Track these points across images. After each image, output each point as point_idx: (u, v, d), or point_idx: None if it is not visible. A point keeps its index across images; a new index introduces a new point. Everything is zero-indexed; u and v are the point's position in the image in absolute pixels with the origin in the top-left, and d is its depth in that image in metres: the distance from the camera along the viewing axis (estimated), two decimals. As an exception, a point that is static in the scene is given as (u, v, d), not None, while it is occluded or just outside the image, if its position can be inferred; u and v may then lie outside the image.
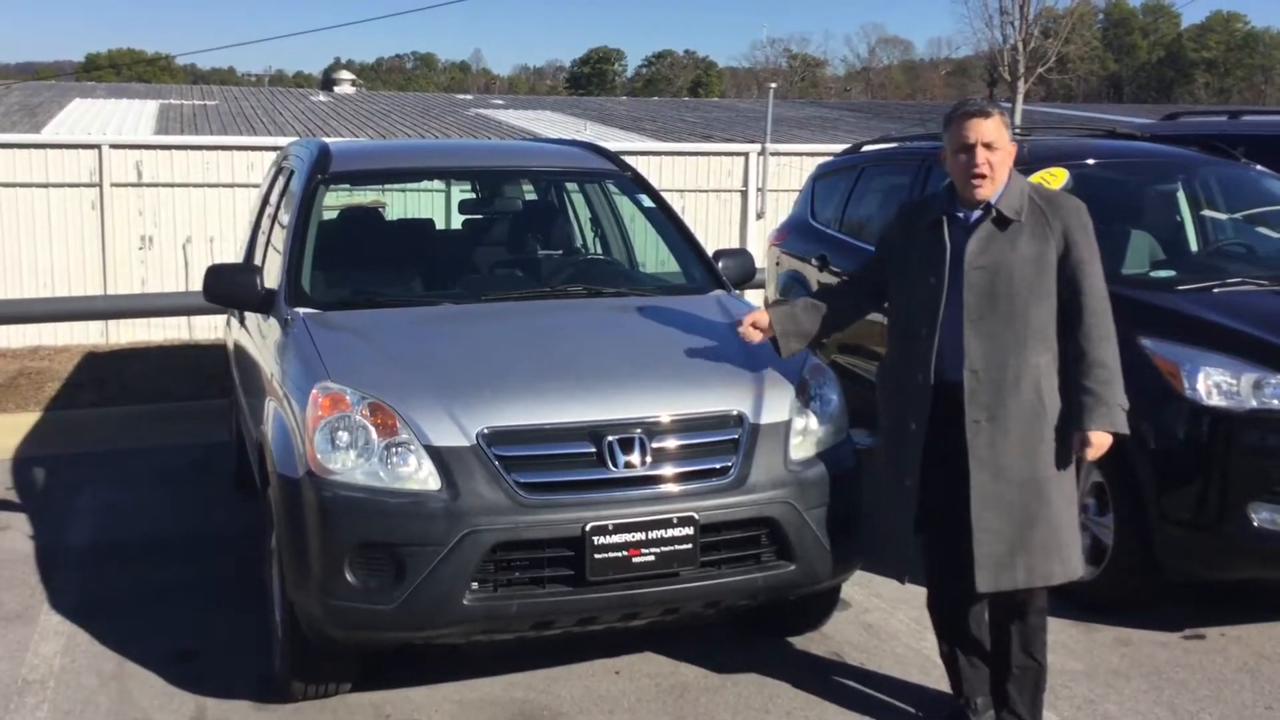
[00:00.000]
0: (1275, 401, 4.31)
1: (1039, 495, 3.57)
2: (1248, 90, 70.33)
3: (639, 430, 3.80)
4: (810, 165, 8.76)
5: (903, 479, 3.73)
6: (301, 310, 4.47)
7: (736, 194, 16.53)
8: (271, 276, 4.87)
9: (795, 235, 7.42)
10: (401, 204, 11.39)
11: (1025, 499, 3.57)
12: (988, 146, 3.53)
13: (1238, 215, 5.73)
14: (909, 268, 3.73)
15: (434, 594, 3.60)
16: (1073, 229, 3.55)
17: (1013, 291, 3.53)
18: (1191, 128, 7.79)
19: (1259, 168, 6.03)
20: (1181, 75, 72.61)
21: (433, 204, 10.90)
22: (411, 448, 3.70)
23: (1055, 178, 5.30)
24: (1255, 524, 4.30)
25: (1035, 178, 5.31)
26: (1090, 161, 5.74)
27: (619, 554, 3.67)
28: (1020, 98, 21.71)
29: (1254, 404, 4.30)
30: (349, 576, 3.63)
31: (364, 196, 7.93)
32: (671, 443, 3.84)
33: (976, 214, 3.61)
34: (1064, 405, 3.55)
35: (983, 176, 3.54)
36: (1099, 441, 3.52)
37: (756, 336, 4.09)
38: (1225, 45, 73.98)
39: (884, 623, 4.74)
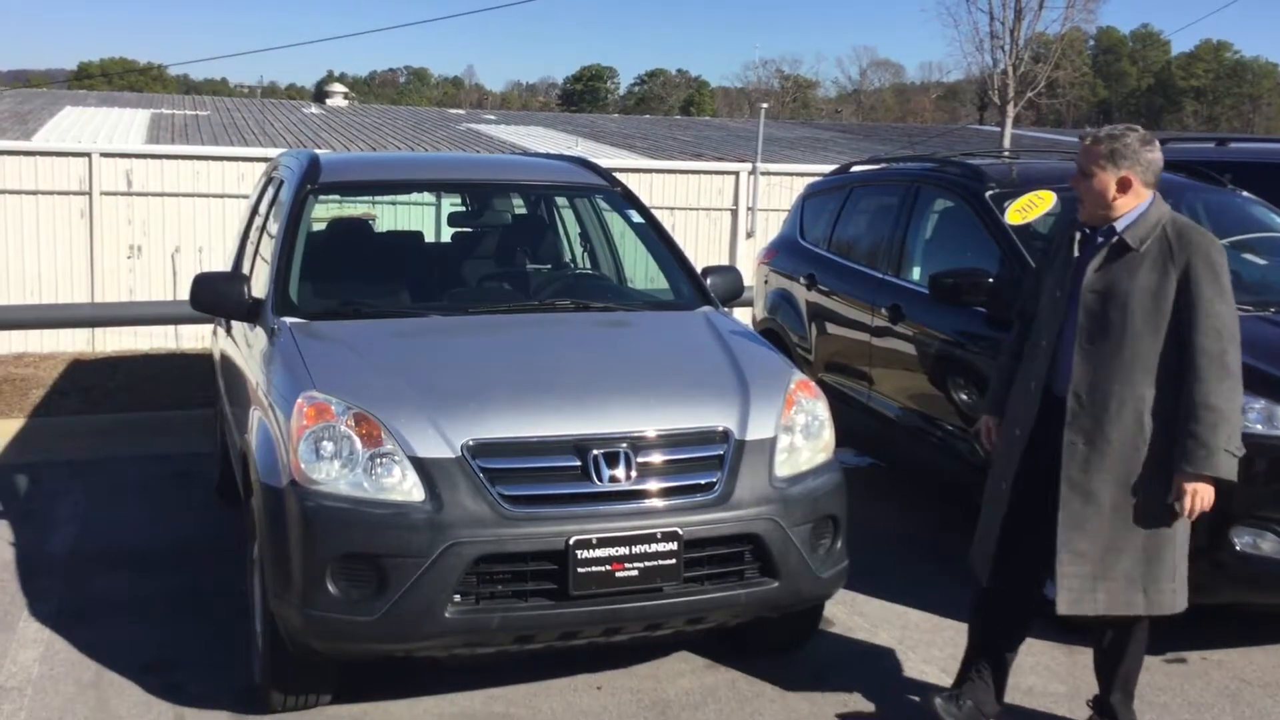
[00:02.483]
0: (1258, 426, 4.32)
1: (1128, 525, 3.58)
2: (1236, 118, 70.84)
3: (624, 444, 3.80)
4: (800, 185, 8.79)
5: (1001, 481, 3.81)
6: (288, 320, 4.46)
7: (727, 212, 16.59)
8: (259, 286, 4.86)
9: (784, 254, 7.44)
10: (392, 217, 11.40)
11: (1114, 527, 3.58)
12: (1082, 172, 3.66)
13: (1225, 241, 5.74)
14: (1048, 277, 3.83)
15: (416, 606, 3.58)
16: (1196, 265, 3.53)
17: (1125, 319, 3.55)
18: (1179, 154, 7.82)
19: (1246, 194, 6.07)
20: (1170, 102, 73.13)
21: (423, 217, 10.91)
22: (396, 458, 3.69)
23: (1043, 200, 5.32)
24: (1238, 548, 4.31)
25: (1023, 200, 5.34)
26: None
27: (602, 568, 3.66)
28: (1009, 122, 21.82)
29: (1237, 428, 4.31)
30: (331, 587, 3.61)
31: (354, 208, 7.92)
32: (656, 457, 3.83)
33: (1105, 238, 3.65)
34: (1167, 442, 3.54)
35: (1080, 200, 3.69)
36: (1193, 488, 3.49)
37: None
38: (1214, 74, 74.55)
39: (868, 641, 4.73)
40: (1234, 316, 3.55)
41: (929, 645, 4.69)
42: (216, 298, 4.77)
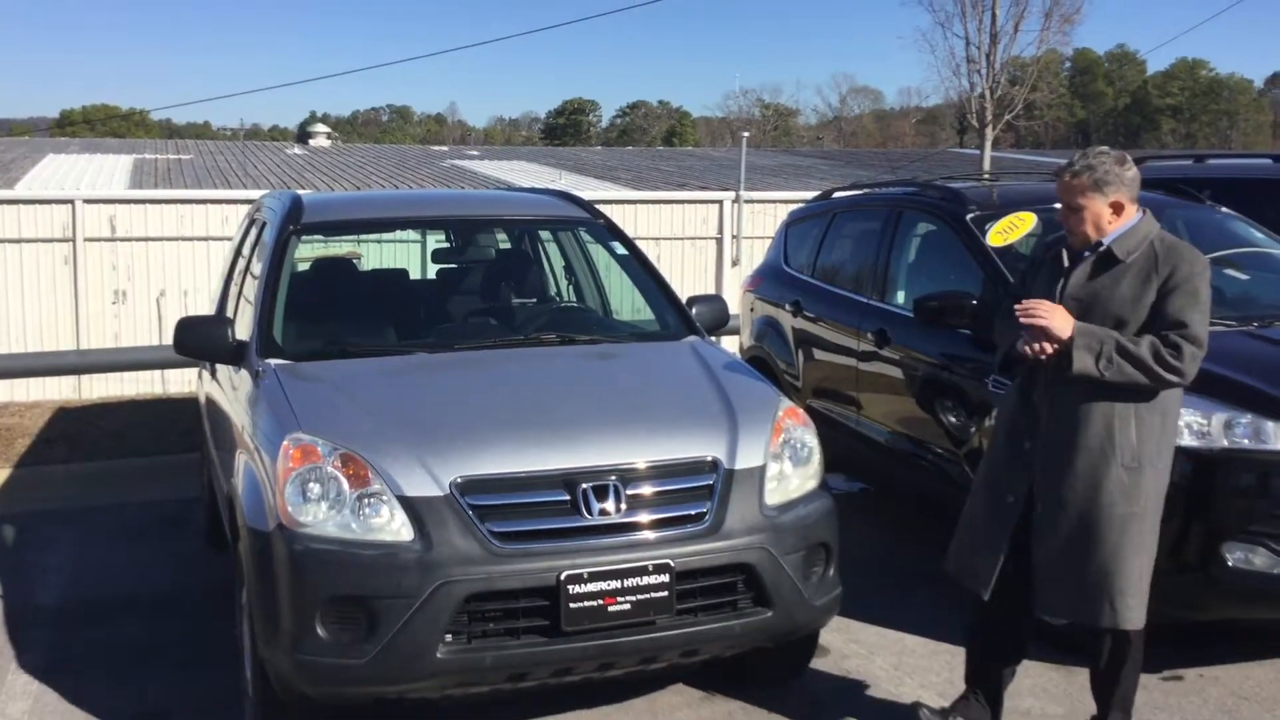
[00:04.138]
0: (1246, 441, 4.33)
1: (1095, 534, 3.60)
2: (1213, 135, 71.41)
3: (613, 477, 3.78)
4: (784, 212, 8.82)
5: (1005, 494, 3.80)
6: (273, 361, 4.44)
7: (712, 241, 16.63)
8: (243, 328, 4.84)
9: (769, 281, 7.45)
10: (378, 255, 11.39)
11: (1082, 534, 3.61)
12: (1070, 207, 3.70)
13: (1205, 257, 5.77)
14: (1034, 292, 3.83)
15: (407, 647, 3.55)
16: (1178, 278, 3.57)
17: (1103, 327, 3.58)
18: (1157, 171, 7.87)
19: (1224, 210, 6.10)
20: (1148, 121, 73.71)
21: (409, 254, 10.90)
22: (384, 498, 3.67)
23: (1024, 222, 5.35)
24: (1230, 564, 4.30)
25: (1004, 222, 5.36)
26: (1058, 205, 5.78)
27: (594, 603, 3.64)
28: (988, 144, 21.99)
29: (1225, 443, 4.32)
30: (320, 631, 3.58)
31: (340, 248, 7.93)
32: (646, 489, 3.82)
33: (1090, 251, 3.70)
34: (1136, 452, 3.57)
35: (1070, 231, 3.73)
36: (1048, 327, 3.52)
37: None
38: (1190, 91, 75.19)
39: (863, 668, 4.71)
40: (1206, 334, 3.60)
41: (925, 670, 4.66)
42: (200, 342, 4.75)
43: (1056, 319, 3.56)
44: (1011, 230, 5.35)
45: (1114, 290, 3.62)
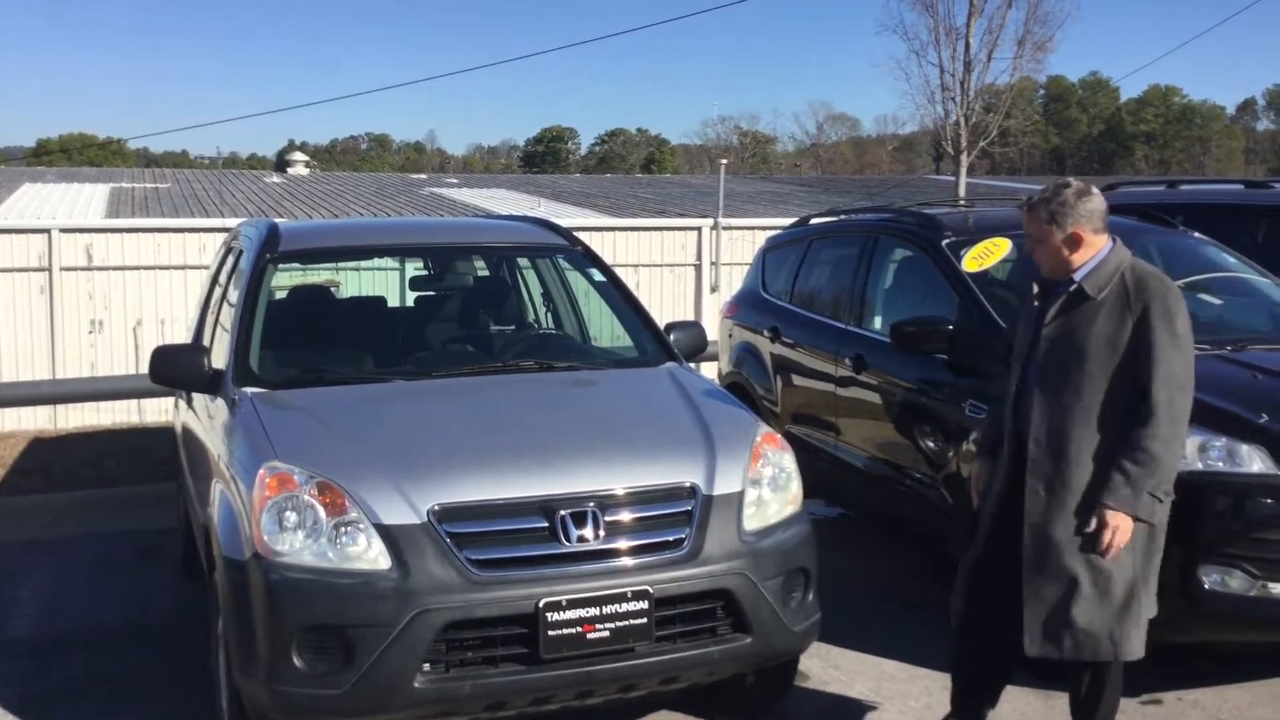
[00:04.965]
0: (1220, 464, 4.36)
1: (1091, 570, 3.59)
2: (1186, 161, 72.12)
3: (591, 504, 3.77)
4: (762, 239, 8.85)
5: (984, 527, 3.85)
6: (249, 390, 4.42)
7: (691, 268, 16.67)
8: (220, 357, 4.82)
9: (747, 307, 7.47)
10: (357, 283, 11.38)
11: (1076, 572, 3.59)
12: (1031, 238, 3.77)
13: (1178, 283, 5.81)
14: (1018, 325, 3.90)
15: (384, 677, 3.52)
16: (1152, 311, 3.57)
17: (1083, 366, 3.60)
18: (1131, 197, 7.95)
19: (1197, 235, 6.16)
20: (1122, 148, 74.41)
21: (388, 282, 10.90)
22: (361, 526, 3.65)
23: (998, 247, 5.39)
24: (1207, 586, 4.32)
25: (979, 248, 5.40)
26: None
27: (573, 630, 3.63)
28: (964, 171, 22.14)
29: (1200, 467, 4.35)
30: (297, 661, 3.55)
31: (318, 276, 7.92)
32: (624, 516, 3.81)
33: (1064, 287, 3.71)
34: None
35: (1039, 263, 3.78)
36: (1114, 522, 3.52)
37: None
38: (1163, 118, 75.95)
39: (843, 694, 4.70)
40: (1187, 364, 3.59)
41: (905, 696, 4.65)
42: (176, 370, 4.73)
43: (1120, 538, 3.55)
44: (987, 255, 5.39)
45: (1089, 329, 3.62)
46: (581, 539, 3.72)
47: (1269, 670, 4.79)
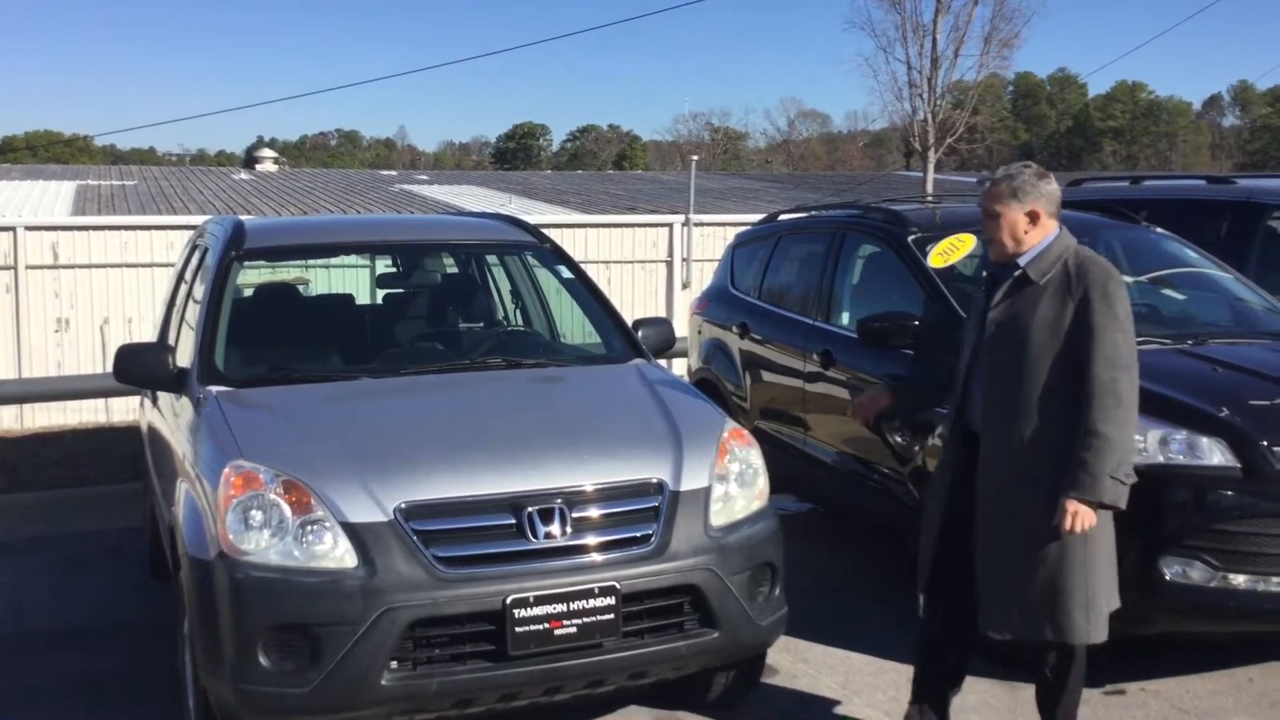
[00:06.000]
0: (1181, 457, 4.41)
1: (1040, 553, 3.64)
2: (1154, 157, 72.70)
3: (559, 500, 3.78)
4: (733, 235, 8.87)
5: (935, 518, 3.91)
6: (214, 388, 4.40)
7: (662, 264, 16.70)
8: (185, 355, 4.80)
9: (716, 303, 7.49)
10: (325, 280, 11.33)
11: (1026, 554, 3.66)
12: (988, 214, 3.78)
13: (1141, 277, 5.89)
14: (969, 317, 3.96)
15: (351, 675, 3.52)
16: (1093, 295, 3.61)
17: (1027, 352, 3.66)
18: (1095, 193, 8.03)
19: (1159, 230, 6.23)
20: (1089, 144, 74.92)
21: (357, 280, 10.85)
22: (327, 525, 3.64)
23: (964, 243, 5.42)
24: (1168, 578, 4.37)
25: (945, 244, 5.43)
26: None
27: (540, 626, 3.64)
28: (931, 167, 22.28)
29: (1161, 459, 4.40)
30: (263, 660, 3.54)
31: (287, 273, 7.88)
32: (591, 512, 3.82)
33: (1010, 273, 3.76)
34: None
35: (989, 239, 3.82)
36: (1077, 509, 3.56)
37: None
38: (1130, 114, 76.51)
39: (811, 688, 4.72)
40: (1129, 345, 3.64)
41: (872, 689, 4.69)
42: (141, 369, 4.69)
43: (1081, 525, 3.56)
44: (952, 251, 5.42)
45: (1032, 314, 3.68)
46: (549, 535, 3.73)
47: (1230, 660, 4.85)
